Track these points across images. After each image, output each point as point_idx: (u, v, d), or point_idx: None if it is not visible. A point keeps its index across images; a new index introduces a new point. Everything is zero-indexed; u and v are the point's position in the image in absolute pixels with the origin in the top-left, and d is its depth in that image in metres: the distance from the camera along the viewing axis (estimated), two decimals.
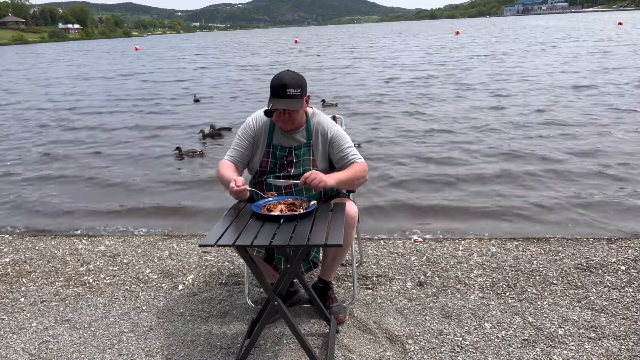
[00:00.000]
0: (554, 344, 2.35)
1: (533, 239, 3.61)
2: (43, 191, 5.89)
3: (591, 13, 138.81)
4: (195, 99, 12.53)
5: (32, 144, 8.40)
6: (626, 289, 2.80)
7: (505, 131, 7.55)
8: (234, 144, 2.57)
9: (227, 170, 2.47)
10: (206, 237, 2.05)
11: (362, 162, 2.49)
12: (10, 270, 3.44)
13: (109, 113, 11.30)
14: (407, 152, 6.73)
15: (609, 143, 6.53)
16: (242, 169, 2.57)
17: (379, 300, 2.80)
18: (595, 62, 15.75)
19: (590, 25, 46.53)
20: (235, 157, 2.54)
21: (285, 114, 2.41)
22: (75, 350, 2.49)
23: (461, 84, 12.70)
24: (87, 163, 7.05)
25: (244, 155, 2.54)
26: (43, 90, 16.71)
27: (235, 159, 2.53)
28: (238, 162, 2.54)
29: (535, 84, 11.90)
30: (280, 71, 2.43)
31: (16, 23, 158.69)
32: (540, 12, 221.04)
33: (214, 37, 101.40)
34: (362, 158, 2.51)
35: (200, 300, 2.91)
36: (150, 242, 3.86)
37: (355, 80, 14.69)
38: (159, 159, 7.07)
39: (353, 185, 2.50)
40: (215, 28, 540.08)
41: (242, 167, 2.57)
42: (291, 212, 2.22)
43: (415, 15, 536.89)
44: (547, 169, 5.64)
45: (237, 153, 2.54)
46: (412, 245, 3.54)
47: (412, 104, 10.31)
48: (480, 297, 2.78)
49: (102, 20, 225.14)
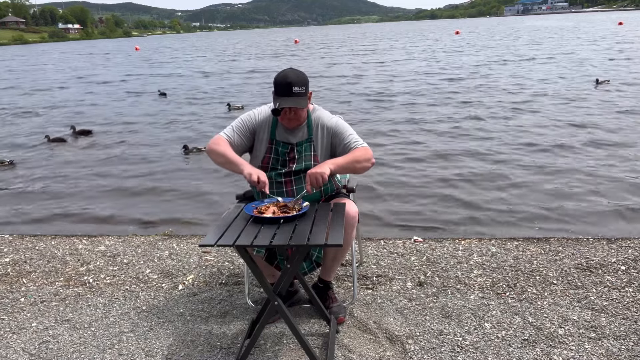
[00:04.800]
0: (554, 344, 2.35)
1: (533, 239, 3.61)
2: (43, 191, 5.89)
3: (591, 13, 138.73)
4: (160, 93, 13.78)
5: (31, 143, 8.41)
6: (626, 289, 2.80)
7: (507, 131, 7.56)
8: (234, 126, 2.52)
9: (231, 151, 2.41)
10: (206, 237, 2.05)
11: (364, 146, 2.45)
12: (10, 270, 3.44)
13: (109, 113, 11.32)
14: (408, 153, 6.73)
15: (609, 143, 6.53)
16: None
17: (379, 300, 2.80)
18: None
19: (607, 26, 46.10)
20: (231, 138, 2.48)
21: (292, 112, 2.40)
22: (75, 350, 2.49)
23: (487, 87, 12.69)
24: (87, 163, 7.05)
25: (240, 140, 2.49)
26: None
27: (231, 140, 2.47)
28: (232, 144, 2.47)
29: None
30: (283, 69, 2.41)
31: (16, 23, 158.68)
32: (540, 12, 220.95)
33: (214, 38, 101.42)
34: (364, 143, 2.48)
35: (200, 300, 2.90)
36: (150, 242, 3.86)
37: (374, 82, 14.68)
38: (159, 159, 7.08)
39: (355, 169, 2.45)
40: (215, 28, 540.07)
41: (234, 150, 2.49)
42: (284, 214, 2.21)
43: (415, 15, 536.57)
44: (547, 168, 5.64)
45: (235, 136, 2.49)
46: (412, 245, 3.54)
47: (410, 105, 10.32)
48: (480, 297, 2.78)
49: (102, 20, 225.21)
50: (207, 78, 18.10)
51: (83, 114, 11.48)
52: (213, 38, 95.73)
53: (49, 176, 6.49)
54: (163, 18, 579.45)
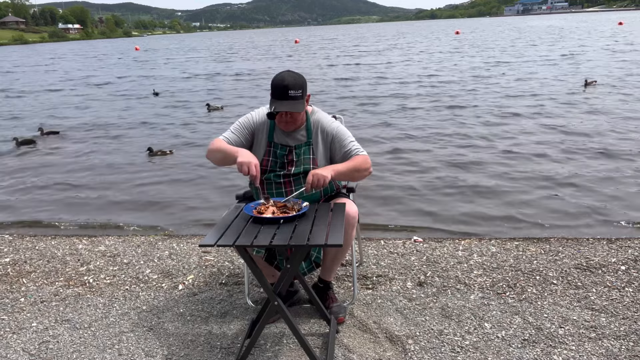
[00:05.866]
0: (554, 344, 2.35)
1: (533, 239, 3.61)
2: (43, 191, 5.89)
3: (591, 13, 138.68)
4: (154, 93, 13.94)
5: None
6: (626, 289, 2.80)
7: (508, 133, 7.55)
8: (233, 129, 2.51)
9: (227, 145, 2.41)
10: (206, 237, 2.05)
11: (364, 155, 2.46)
12: (10, 270, 3.44)
13: (107, 111, 11.32)
14: (408, 153, 6.73)
15: (612, 143, 6.53)
16: None
17: (379, 300, 2.80)
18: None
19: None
20: (230, 140, 2.47)
21: (288, 115, 2.39)
22: (75, 350, 2.49)
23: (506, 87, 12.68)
24: (87, 163, 7.05)
25: (239, 142, 2.48)
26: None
27: (228, 141, 2.46)
28: (230, 144, 2.45)
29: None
30: (281, 72, 2.39)
31: (16, 23, 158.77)
32: (540, 12, 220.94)
33: (213, 38, 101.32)
34: (364, 151, 2.48)
35: (200, 300, 2.90)
36: (150, 242, 3.86)
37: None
38: (158, 159, 7.07)
39: (353, 177, 2.46)
40: (215, 28, 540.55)
41: None
42: (284, 215, 2.21)
43: (415, 15, 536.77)
44: (547, 169, 5.64)
45: (234, 137, 2.48)
46: (412, 245, 3.54)
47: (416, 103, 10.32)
48: (480, 297, 2.78)
49: (102, 20, 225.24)
50: (198, 80, 17.92)
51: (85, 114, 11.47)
52: (213, 38, 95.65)
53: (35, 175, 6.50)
54: (163, 18, 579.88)
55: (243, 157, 2.27)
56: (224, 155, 2.37)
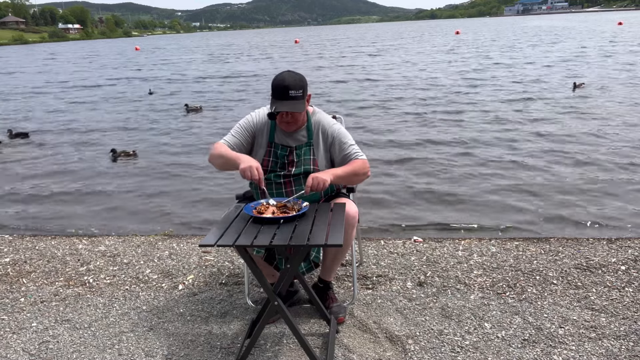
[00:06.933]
0: (554, 344, 2.35)
1: (533, 239, 3.61)
2: (42, 191, 5.89)
3: (591, 13, 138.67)
4: (150, 92, 14.28)
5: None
6: (626, 289, 2.80)
7: (509, 133, 7.55)
8: (233, 132, 2.52)
9: (229, 150, 2.41)
10: (206, 237, 2.05)
11: (363, 159, 2.47)
12: (10, 270, 3.44)
13: (106, 111, 11.31)
14: (408, 153, 6.73)
15: (611, 144, 6.53)
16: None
17: (379, 300, 2.80)
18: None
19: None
20: (231, 143, 2.47)
21: (288, 115, 2.39)
22: (75, 350, 2.48)
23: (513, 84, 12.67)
24: (87, 163, 7.05)
25: (240, 144, 2.48)
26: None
27: (229, 144, 2.47)
28: (231, 147, 2.46)
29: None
30: (281, 72, 2.40)
31: (16, 23, 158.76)
32: (540, 12, 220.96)
33: (213, 38, 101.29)
34: (363, 154, 2.49)
35: (200, 300, 2.90)
36: (150, 242, 3.86)
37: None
38: (158, 159, 7.08)
39: (352, 181, 2.48)
40: (215, 28, 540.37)
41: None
42: (284, 215, 2.21)
43: (415, 15, 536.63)
44: (547, 169, 5.64)
45: (234, 141, 2.48)
46: (412, 245, 3.54)
47: (415, 104, 10.32)
48: (480, 297, 2.78)
49: (102, 20, 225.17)
50: (192, 82, 17.73)
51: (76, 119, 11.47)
52: (212, 38, 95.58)
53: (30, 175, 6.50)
54: (163, 18, 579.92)
55: (245, 162, 2.28)
56: (225, 161, 2.38)
